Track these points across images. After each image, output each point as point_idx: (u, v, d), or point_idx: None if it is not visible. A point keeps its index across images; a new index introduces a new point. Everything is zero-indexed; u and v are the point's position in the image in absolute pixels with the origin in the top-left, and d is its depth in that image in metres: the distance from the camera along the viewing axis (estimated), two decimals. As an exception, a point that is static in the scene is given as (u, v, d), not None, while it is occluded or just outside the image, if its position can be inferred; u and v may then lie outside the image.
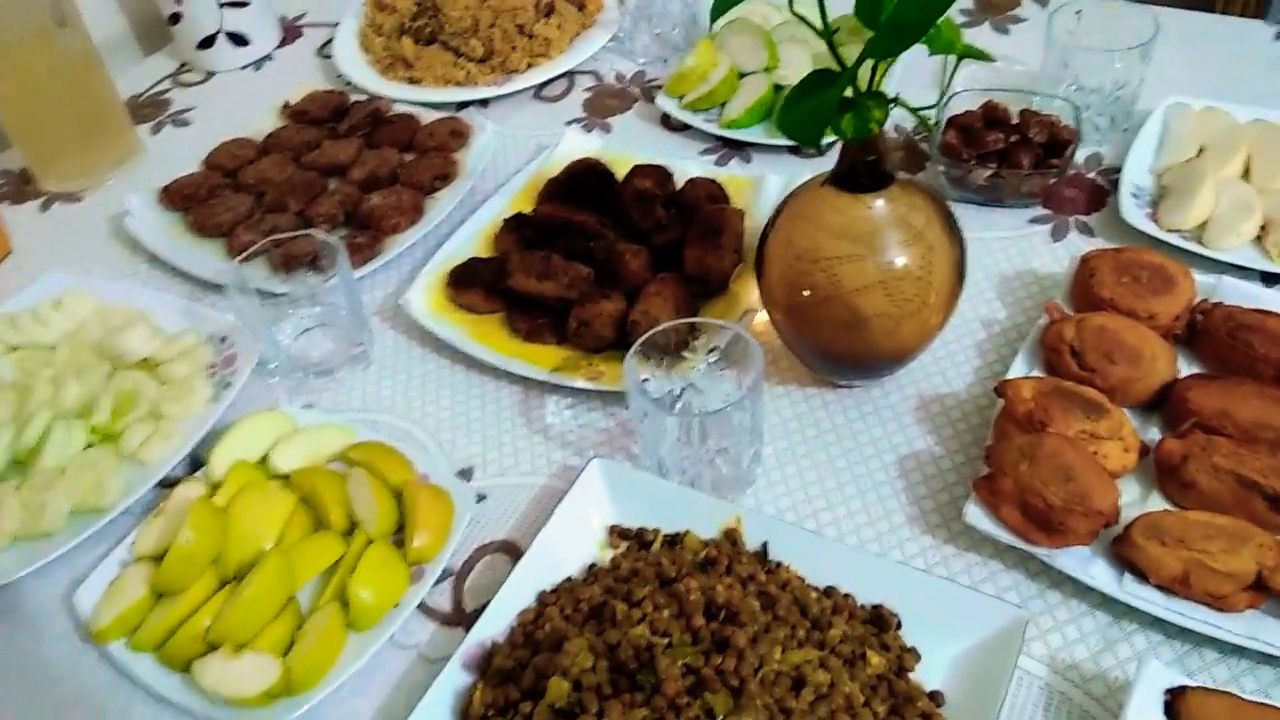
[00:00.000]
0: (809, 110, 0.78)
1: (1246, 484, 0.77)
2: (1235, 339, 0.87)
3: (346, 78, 1.45)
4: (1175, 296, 0.91)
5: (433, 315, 1.07)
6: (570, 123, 1.35)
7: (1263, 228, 1.00)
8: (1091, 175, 1.14)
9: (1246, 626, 0.72)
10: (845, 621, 0.75)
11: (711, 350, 0.91)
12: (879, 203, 0.84)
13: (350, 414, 1.01)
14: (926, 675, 0.74)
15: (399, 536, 0.87)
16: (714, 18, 0.81)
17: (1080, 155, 1.16)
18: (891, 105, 0.80)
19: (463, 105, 1.39)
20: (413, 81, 1.42)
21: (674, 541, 0.83)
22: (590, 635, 0.72)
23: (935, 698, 0.72)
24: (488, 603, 0.80)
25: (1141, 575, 0.75)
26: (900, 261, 0.85)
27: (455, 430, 0.99)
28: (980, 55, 0.80)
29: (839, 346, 0.90)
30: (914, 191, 0.87)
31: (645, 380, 0.88)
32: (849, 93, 0.78)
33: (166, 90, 1.51)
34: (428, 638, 0.82)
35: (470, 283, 1.07)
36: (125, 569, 0.84)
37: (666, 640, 0.70)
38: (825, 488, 0.89)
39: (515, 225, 1.13)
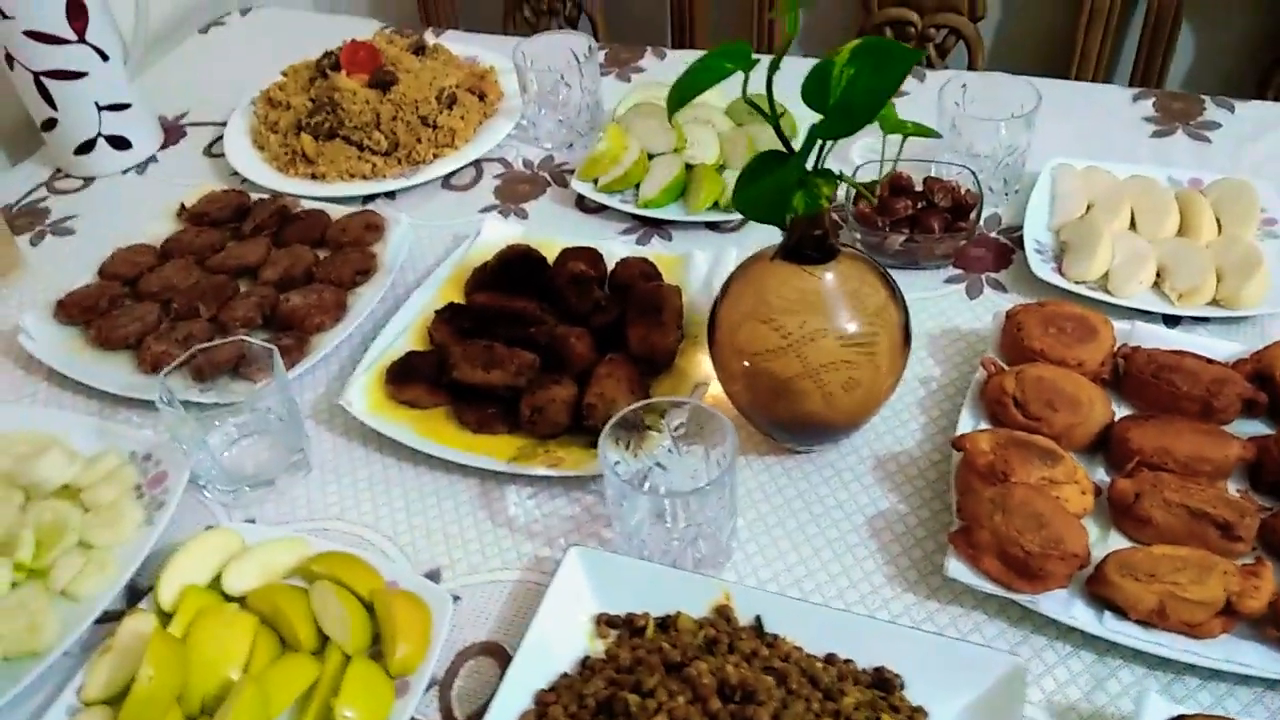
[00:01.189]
0: (766, 191, 0.81)
1: (1198, 515, 0.82)
2: (1159, 379, 0.93)
3: (242, 176, 1.40)
4: (1099, 344, 0.97)
5: (374, 414, 1.03)
6: (485, 210, 1.34)
7: (1158, 274, 1.09)
8: (994, 235, 1.22)
9: (1223, 651, 0.77)
10: (854, 689, 0.75)
11: (675, 428, 0.91)
12: (828, 275, 0.88)
13: (297, 525, 0.96)
14: (936, 733, 0.75)
15: (374, 649, 0.82)
16: (671, 111, 0.82)
17: (982, 217, 1.24)
18: (839, 180, 0.83)
19: (369, 198, 1.37)
20: (315, 177, 1.39)
21: (665, 625, 0.82)
22: (606, 732, 0.70)
23: (950, 754, 0.73)
24: (479, 710, 0.77)
25: (1119, 611, 0.79)
26: (852, 329, 0.88)
27: (414, 532, 0.95)
28: (928, 132, 0.84)
29: (797, 415, 0.92)
30: (859, 261, 0.91)
31: (616, 463, 0.87)
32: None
33: (43, 198, 1.43)
34: (420, 755, 0.78)
35: (411, 378, 1.04)
36: (76, 717, 0.77)
37: (688, 728, 0.69)
38: (802, 554, 0.90)
39: (450, 316, 1.11)
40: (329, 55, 1.50)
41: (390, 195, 1.38)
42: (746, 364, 0.91)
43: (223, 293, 1.18)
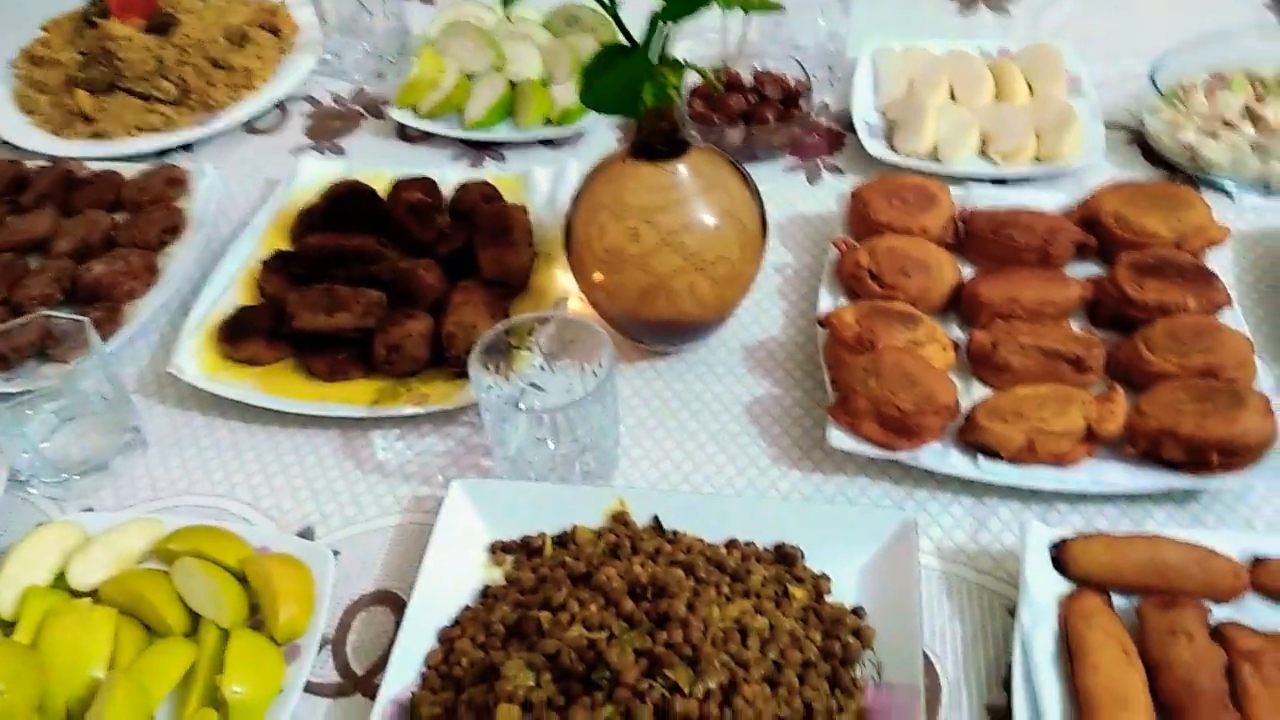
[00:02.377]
0: (614, 84, 0.78)
1: (1050, 354, 0.86)
2: (999, 236, 0.97)
3: (14, 144, 1.26)
4: (939, 210, 1.00)
5: (210, 377, 0.95)
6: (296, 152, 1.25)
7: (983, 140, 1.13)
8: (825, 122, 1.23)
9: (1089, 474, 0.81)
10: (759, 566, 0.75)
11: (544, 344, 0.88)
12: (681, 168, 0.86)
13: (143, 507, 0.88)
14: (842, 595, 0.76)
15: (254, 620, 0.76)
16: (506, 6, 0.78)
17: (810, 105, 1.25)
18: (685, 69, 0.81)
19: (165, 153, 1.26)
20: (99, 136, 1.26)
21: (563, 541, 0.80)
22: (521, 653, 0.68)
23: (858, 613, 0.74)
24: (382, 660, 0.73)
25: (992, 453, 0.82)
26: (710, 221, 0.87)
27: (277, 494, 0.88)
28: (770, 6, 0.83)
29: (664, 315, 0.91)
30: (710, 153, 0.89)
31: (489, 388, 0.84)
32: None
33: None
34: (323, 717, 0.73)
35: (246, 334, 0.96)
36: (-79, 753, 0.68)
37: (606, 633, 0.67)
38: (688, 451, 0.89)
39: (280, 264, 1.03)
40: (95, 3, 1.35)
41: (188, 147, 1.27)
42: (607, 270, 0.88)
43: (11, 271, 1.06)
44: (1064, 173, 1.10)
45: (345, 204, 1.06)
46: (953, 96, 1.20)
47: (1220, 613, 0.72)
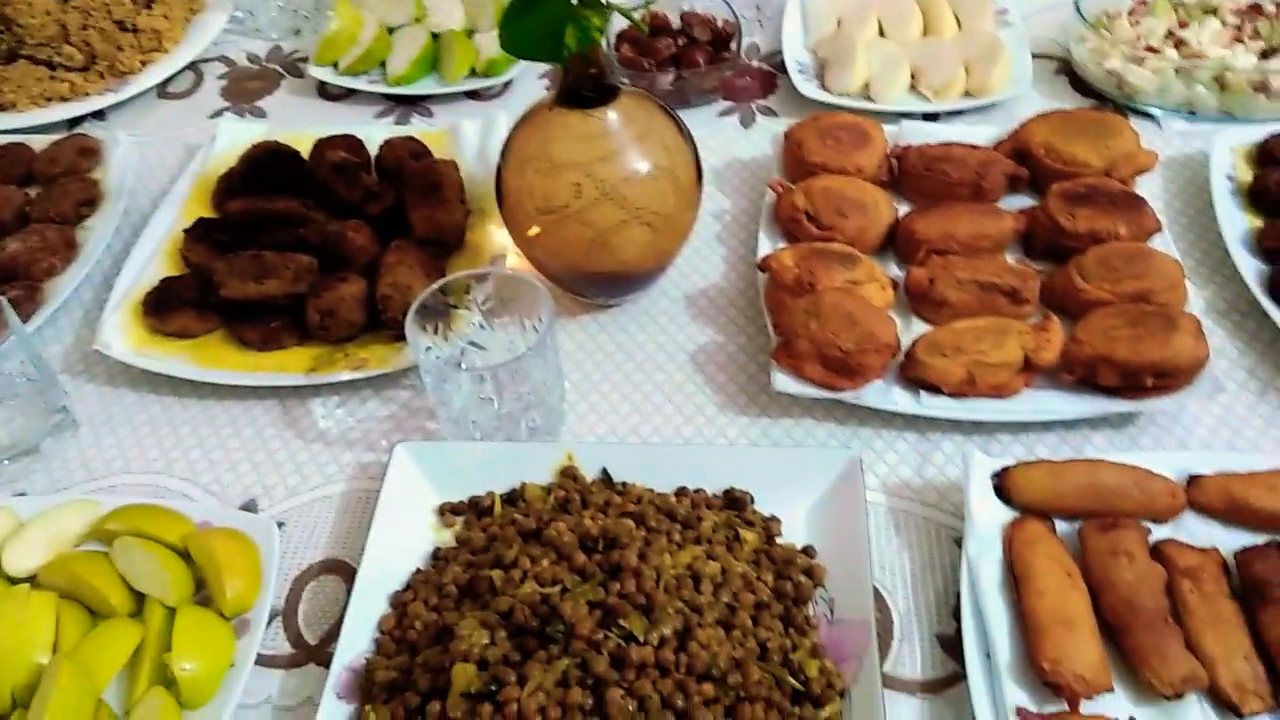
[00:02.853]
0: (535, 27, 0.76)
1: (987, 287, 0.87)
2: (932, 171, 0.97)
3: (-92, 119, 1.20)
4: (873, 148, 1.00)
5: (139, 352, 0.92)
6: (215, 115, 1.21)
7: (914, 75, 1.12)
8: (756, 63, 1.22)
9: (1028, 404, 0.83)
10: (710, 513, 0.75)
11: (483, 303, 0.86)
12: (611, 115, 0.84)
13: (77, 488, 0.86)
14: (792, 536, 0.76)
15: (201, 596, 0.75)
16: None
17: (741, 48, 1.24)
18: (608, 10, 0.79)
19: (76, 122, 1.20)
20: (3, 108, 1.20)
21: (512, 499, 0.79)
22: (475, 612, 0.67)
23: (808, 552, 0.75)
24: (335, 628, 0.72)
25: (933, 388, 0.83)
26: (645, 169, 0.85)
27: (217, 468, 0.86)
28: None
29: (603, 266, 0.90)
30: (640, 98, 0.88)
31: (428, 349, 0.82)
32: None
33: None
34: (277, 688, 0.72)
35: (173, 306, 0.93)
36: None
37: (559, 587, 0.67)
38: (634, 402, 0.89)
39: (203, 232, 0.99)
40: (-13, -32, 1.28)
41: (100, 115, 1.21)
42: (542, 223, 0.87)
43: (-84, 253, 1.01)
44: (993, 105, 1.10)
45: (267, 167, 1.02)
46: (882, 33, 1.19)
47: (1160, 532, 0.74)
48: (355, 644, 0.70)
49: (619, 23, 1.16)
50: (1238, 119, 1.07)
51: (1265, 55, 1.09)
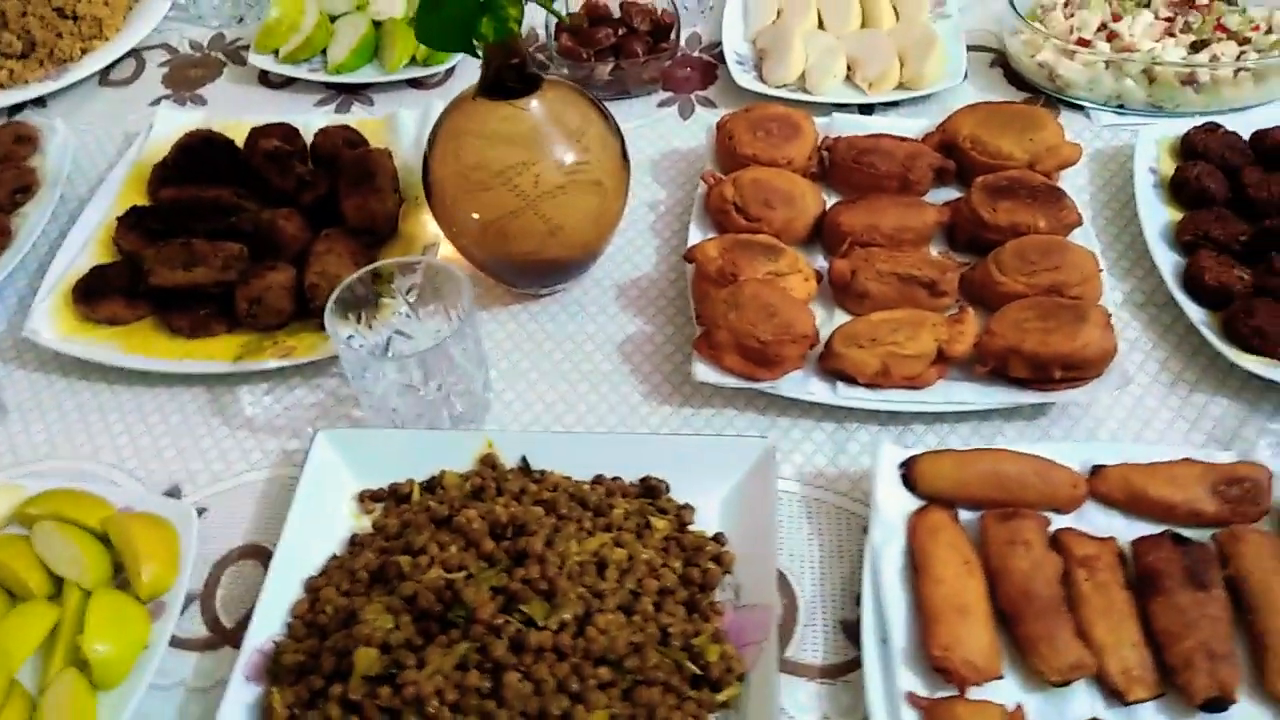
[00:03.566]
0: (448, 18, 0.76)
1: (906, 279, 0.88)
2: (860, 163, 0.98)
3: None
4: (803, 140, 1.01)
5: (68, 339, 0.93)
6: (156, 102, 1.21)
7: (850, 67, 1.13)
8: (697, 54, 1.23)
9: (941, 394, 0.84)
10: (623, 501, 0.77)
11: (409, 292, 0.87)
12: (534, 104, 0.85)
13: (3, 474, 0.87)
14: (705, 523, 0.78)
15: (121, 579, 0.76)
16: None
17: (681, 38, 1.24)
18: (525, 1, 0.80)
19: (16, 109, 1.20)
20: (-59, 93, 1.20)
21: (431, 486, 0.80)
22: (382, 597, 0.68)
23: (719, 539, 0.76)
24: (250, 613, 0.73)
25: (849, 379, 0.84)
26: (569, 159, 0.86)
27: (143, 454, 0.87)
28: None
29: (531, 255, 0.90)
30: (563, 88, 0.88)
31: (350, 338, 0.83)
32: None
33: None
34: (191, 670, 0.73)
35: (103, 293, 0.94)
36: None
37: (464, 573, 0.68)
38: (560, 392, 0.90)
39: (135, 220, 1.00)
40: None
41: (40, 102, 1.21)
42: (470, 213, 0.88)
43: None
44: (928, 97, 1.11)
45: (200, 155, 1.03)
46: (822, 24, 1.20)
47: (1064, 522, 0.75)
48: (267, 628, 0.72)
49: (560, 11, 1.17)
50: (1166, 112, 1.09)
51: (1195, 48, 1.11)
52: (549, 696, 0.63)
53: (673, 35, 1.15)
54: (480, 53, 0.80)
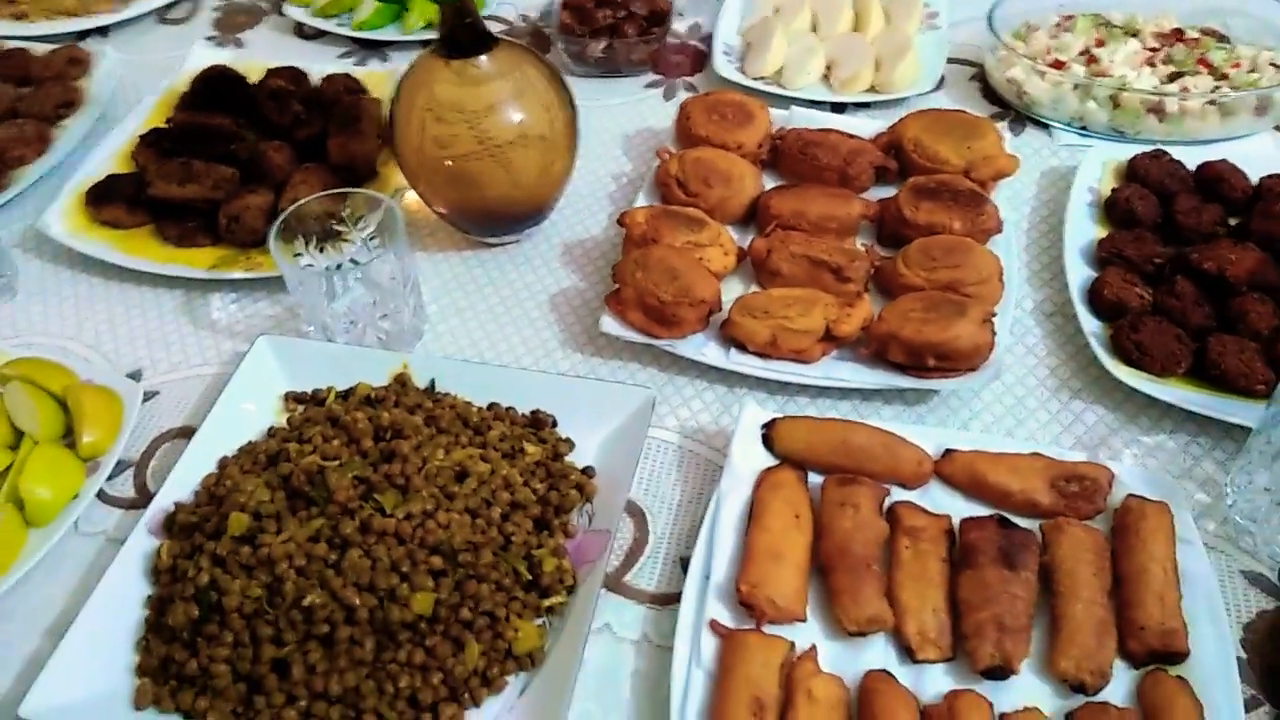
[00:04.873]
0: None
1: (816, 263, 0.94)
2: (805, 155, 1.04)
3: (-59, 19, 1.35)
4: (755, 127, 1.07)
5: (74, 235, 1.05)
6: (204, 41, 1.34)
7: (830, 66, 1.18)
8: (694, 42, 1.29)
9: (823, 370, 0.89)
10: (505, 425, 0.84)
11: (367, 230, 0.96)
12: (484, 61, 0.93)
13: (3, 342, 0.99)
14: (582, 458, 0.85)
15: (69, 440, 0.87)
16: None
17: (684, 26, 1.31)
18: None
19: (83, 36, 1.35)
20: (18, 18, 1.35)
21: (346, 395, 0.89)
22: (265, 475, 0.78)
23: (587, 471, 0.83)
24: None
25: (743, 347, 0.90)
26: (516, 117, 0.94)
27: (117, 340, 0.99)
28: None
29: (473, 204, 0.99)
30: (516, 50, 0.96)
31: (306, 264, 0.92)
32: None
33: None
34: (114, 524, 0.84)
35: (109, 198, 1.06)
36: None
37: (337, 462, 0.77)
38: (487, 330, 0.98)
39: (152, 140, 1.12)
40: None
41: (103, 32, 1.35)
42: (424, 159, 0.96)
43: (-83, 132, 1.16)
44: (900, 101, 1.16)
45: (213, 87, 1.14)
46: (815, 25, 1.25)
47: (909, 497, 0.80)
48: (176, 493, 0.82)
49: None
50: (1128, 138, 1.11)
51: (1172, 79, 1.12)
52: (381, 573, 0.71)
53: (666, 21, 1.22)
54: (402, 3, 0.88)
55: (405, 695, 0.70)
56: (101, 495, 0.85)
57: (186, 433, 0.91)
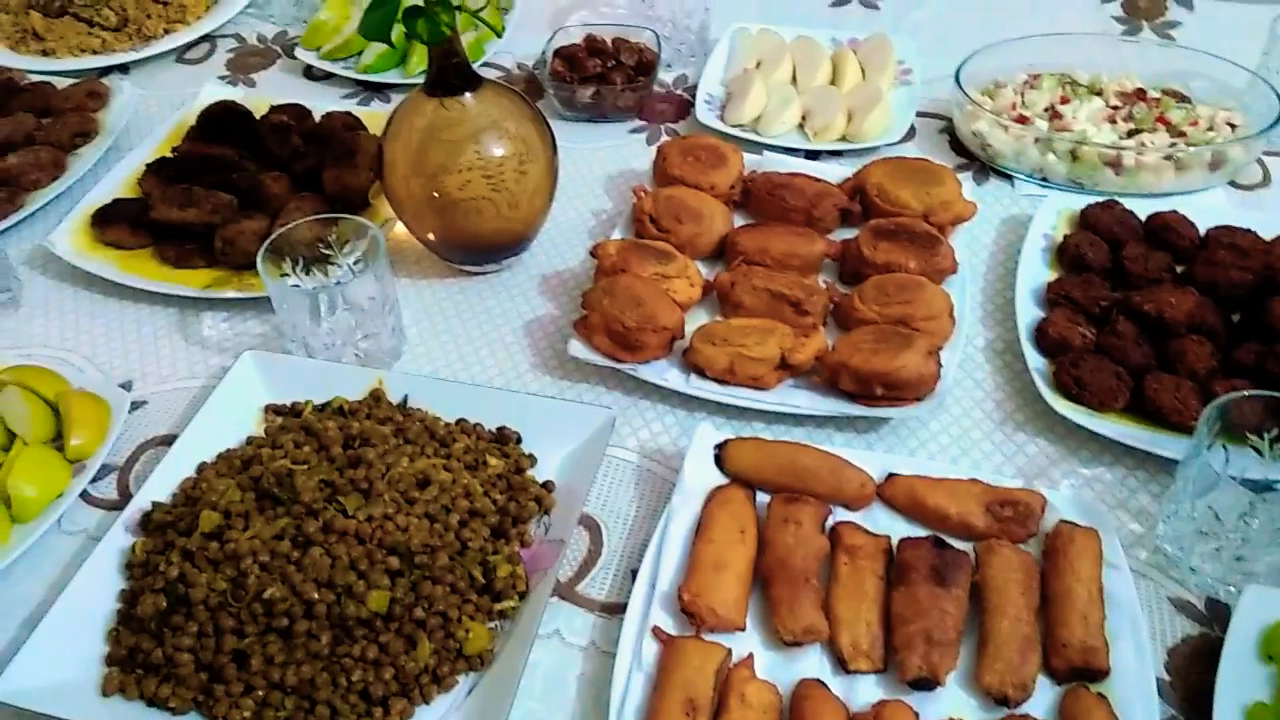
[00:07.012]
0: (381, 16, 0.92)
1: (776, 296, 0.98)
2: (773, 196, 1.09)
3: (-26, 53, 1.43)
4: (728, 169, 1.12)
5: (78, 254, 1.11)
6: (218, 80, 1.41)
7: (805, 116, 1.24)
8: (680, 92, 1.36)
9: (778, 397, 0.93)
10: (471, 439, 0.89)
11: (353, 257, 1.01)
12: (468, 97, 0.99)
13: (4, 352, 1.04)
14: (544, 473, 0.89)
15: (59, 443, 0.92)
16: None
17: (671, 76, 1.38)
18: (457, 11, 0.94)
19: (104, 73, 1.42)
20: (46, 53, 1.43)
21: (324, 408, 0.94)
22: (240, 477, 0.82)
23: (547, 485, 0.87)
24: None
25: (703, 373, 0.95)
26: (498, 152, 1.00)
27: (112, 353, 1.04)
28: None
29: (454, 235, 1.04)
30: (501, 91, 1.02)
31: (292, 284, 0.97)
32: (421, 2, 0.92)
33: None
34: (95, 523, 0.88)
35: (114, 220, 1.12)
36: None
37: (306, 466, 0.81)
38: (463, 353, 1.03)
39: (158, 168, 1.18)
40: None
41: (124, 69, 1.43)
42: (410, 192, 1.02)
43: (-60, 156, 1.23)
44: (870, 150, 1.21)
45: (218, 120, 1.21)
46: (795, 78, 1.31)
47: (851, 518, 0.84)
48: (155, 493, 0.86)
49: (560, 40, 1.32)
50: (1086, 189, 1.15)
51: (1131, 135, 1.17)
52: (340, 571, 0.75)
53: (652, 71, 1.29)
54: (396, 49, 0.94)
55: (358, 689, 0.73)
56: (85, 496, 0.90)
57: (171, 440, 0.94)
